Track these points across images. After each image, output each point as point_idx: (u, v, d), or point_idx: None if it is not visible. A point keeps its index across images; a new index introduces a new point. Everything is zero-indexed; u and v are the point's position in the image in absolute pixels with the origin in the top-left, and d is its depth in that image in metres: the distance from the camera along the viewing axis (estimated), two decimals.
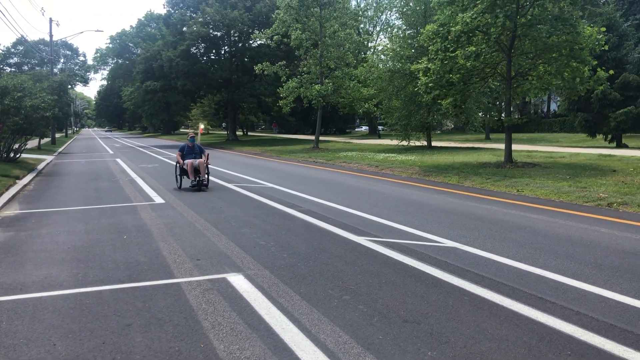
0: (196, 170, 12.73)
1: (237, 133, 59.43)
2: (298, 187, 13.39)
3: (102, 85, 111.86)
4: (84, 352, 3.72)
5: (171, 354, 3.68)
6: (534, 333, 3.91)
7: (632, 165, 15.95)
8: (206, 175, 12.95)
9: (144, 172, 18.48)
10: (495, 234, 7.44)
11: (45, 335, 4.03)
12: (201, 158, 13.05)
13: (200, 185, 12.65)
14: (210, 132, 77.90)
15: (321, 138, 37.38)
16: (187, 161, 12.84)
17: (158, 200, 11.30)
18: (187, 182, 13.13)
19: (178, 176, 13.36)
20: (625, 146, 26.90)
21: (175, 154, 14.86)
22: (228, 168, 19.79)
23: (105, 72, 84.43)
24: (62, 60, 77.65)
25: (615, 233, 7.50)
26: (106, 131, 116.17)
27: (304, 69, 31.46)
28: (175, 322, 4.25)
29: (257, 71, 32.71)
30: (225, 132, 60.79)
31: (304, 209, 9.67)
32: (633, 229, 7.83)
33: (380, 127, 58.49)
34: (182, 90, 48.61)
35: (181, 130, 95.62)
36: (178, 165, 13.34)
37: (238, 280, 5.33)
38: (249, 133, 72.93)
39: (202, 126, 15.14)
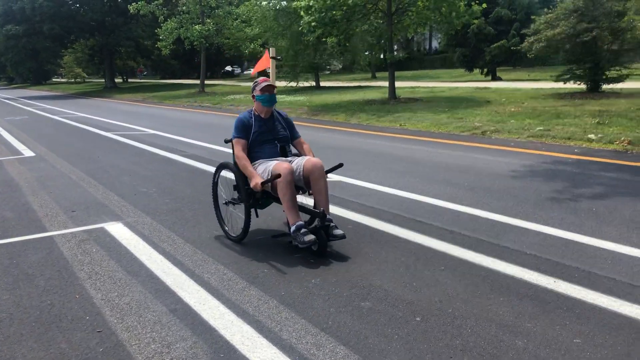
0: (300, 190, 4.45)
1: (116, 80, 55.97)
2: (182, 132, 12.92)
3: None
4: None
5: (42, 308, 3.43)
6: (412, 253, 4.09)
7: (505, 96, 17.05)
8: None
9: (12, 125, 16.93)
10: (379, 166, 7.66)
11: None
12: (298, 149, 4.80)
13: (326, 238, 4.12)
14: (87, 80, 72.68)
15: (207, 82, 36.22)
16: (279, 166, 4.21)
17: (28, 153, 10.41)
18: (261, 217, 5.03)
19: (227, 204, 4.79)
20: (500, 79, 28.66)
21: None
22: (106, 117, 18.68)
23: None
24: None
25: (487, 158, 8.01)
26: None
27: (183, 8, 29.88)
28: (48, 276, 3.97)
29: (131, 11, 30.60)
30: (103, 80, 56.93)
31: (189, 154, 9.37)
32: (503, 153, 8.40)
33: (268, 70, 57.49)
34: (49, 35, 44.56)
35: (53, 80, 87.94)
36: (241, 179, 4.46)
37: (117, 229, 5.07)
38: (130, 80, 68.92)
39: (270, 53, 5.55)
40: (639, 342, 2.72)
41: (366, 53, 33.34)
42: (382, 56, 41.24)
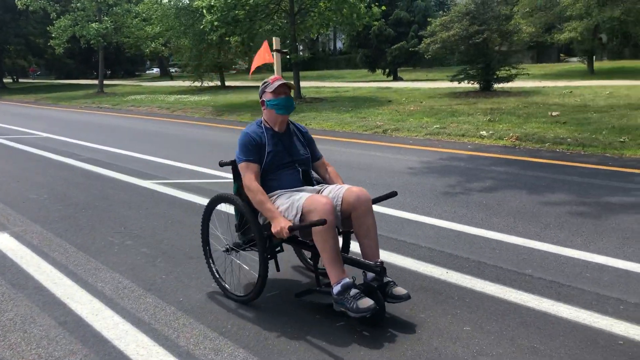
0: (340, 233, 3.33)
1: (5, 80, 52.13)
2: (79, 135, 12.27)
3: None
4: None
5: None
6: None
7: (405, 96, 17.66)
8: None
9: None
10: None
11: None
12: (320, 174, 3.69)
13: (384, 297, 2.95)
14: None
15: (107, 82, 34.71)
16: (315, 202, 2.92)
17: None
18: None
19: (229, 252, 3.48)
20: (401, 79, 29.65)
21: None
22: None
23: None
24: None
25: (388, 156, 8.26)
26: None
27: (78, 4, 28.38)
28: None
29: (20, 7, 28.63)
30: None
31: (85, 158, 8.91)
32: (403, 151, 8.70)
33: (172, 69, 56.13)
34: None
35: None
36: (251, 216, 3.16)
37: (2, 240, 4.72)
38: (21, 80, 64.41)
39: (274, 45, 5.16)
40: (522, 326, 2.91)
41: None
42: (287, 56, 41.51)
